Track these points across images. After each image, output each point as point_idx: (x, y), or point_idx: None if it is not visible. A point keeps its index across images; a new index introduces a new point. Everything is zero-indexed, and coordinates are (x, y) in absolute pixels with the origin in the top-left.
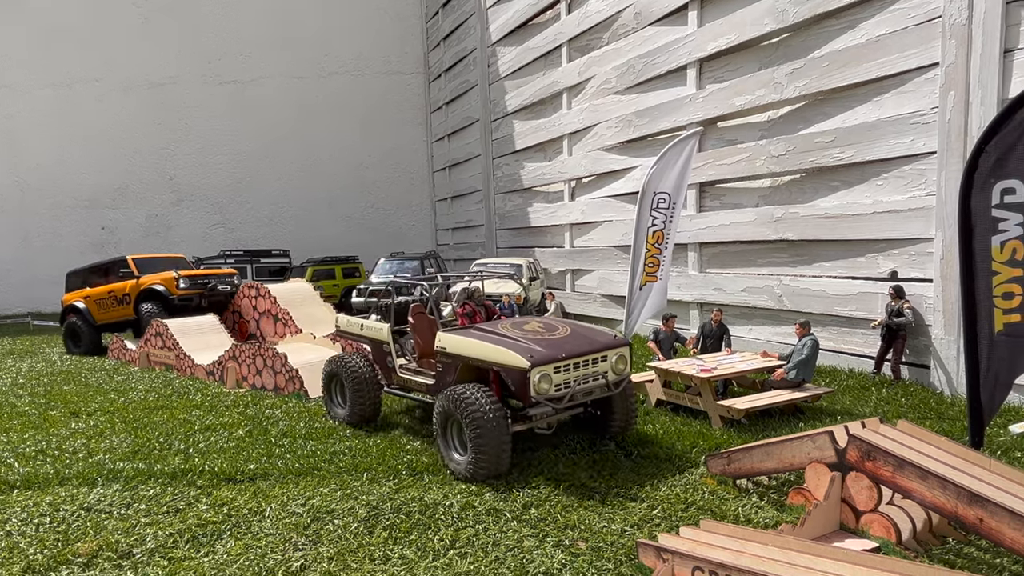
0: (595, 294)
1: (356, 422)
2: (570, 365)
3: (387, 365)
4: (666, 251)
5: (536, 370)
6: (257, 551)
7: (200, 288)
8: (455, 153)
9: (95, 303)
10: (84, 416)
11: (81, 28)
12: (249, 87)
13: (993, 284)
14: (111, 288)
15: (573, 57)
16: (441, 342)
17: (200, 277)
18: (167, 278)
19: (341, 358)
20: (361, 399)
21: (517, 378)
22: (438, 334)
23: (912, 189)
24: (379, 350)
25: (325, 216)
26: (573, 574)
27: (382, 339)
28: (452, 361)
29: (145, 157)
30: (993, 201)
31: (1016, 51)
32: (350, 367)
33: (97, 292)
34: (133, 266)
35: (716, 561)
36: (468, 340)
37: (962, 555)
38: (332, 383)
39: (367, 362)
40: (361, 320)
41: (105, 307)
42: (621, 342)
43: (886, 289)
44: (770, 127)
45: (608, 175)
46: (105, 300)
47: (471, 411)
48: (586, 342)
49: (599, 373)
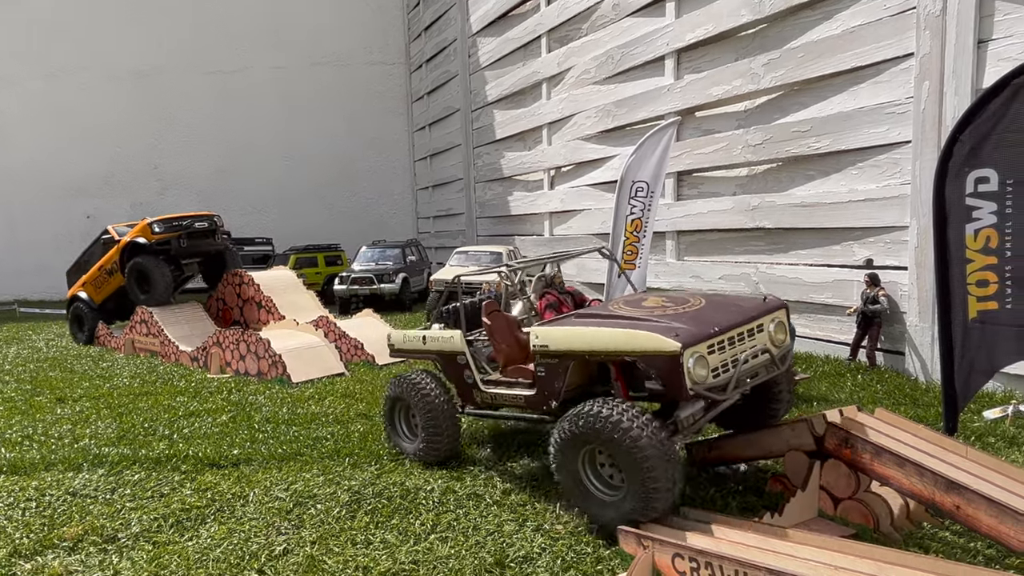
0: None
1: (433, 459)
2: (724, 342)
3: (465, 381)
4: (644, 239)
5: (689, 352)
6: (240, 535)
7: (177, 231)
8: (436, 142)
9: (92, 286)
10: (70, 402)
11: (67, 19)
12: (233, 77)
13: (967, 272)
14: (100, 264)
15: (552, 48)
16: (540, 339)
17: (174, 219)
18: (141, 227)
19: (408, 380)
20: (437, 430)
21: (664, 367)
22: (533, 329)
23: (887, 178)
24: (453, 365)
25: (308, 205)
26: (552, 558)
27: (456, 350)
28: (559, 362)
29: (130, 146)
30: (967, 190)
31: (990, 42)
32: (422, 391)
33: (90, 275)
34: (113, 232)
35: (696, 548)
36: (580, 330)
37: (938, 540)
38: (396, 410)
39: (437, 381)
40: (422, 332)
41: (100, 285)
42: (776, 304)
43: (861, 277)
44: (747, 117)
45: (587, 164)
46: (98, 279)
47: (621, 433)
48: (736, 311)
49: (758, 348)
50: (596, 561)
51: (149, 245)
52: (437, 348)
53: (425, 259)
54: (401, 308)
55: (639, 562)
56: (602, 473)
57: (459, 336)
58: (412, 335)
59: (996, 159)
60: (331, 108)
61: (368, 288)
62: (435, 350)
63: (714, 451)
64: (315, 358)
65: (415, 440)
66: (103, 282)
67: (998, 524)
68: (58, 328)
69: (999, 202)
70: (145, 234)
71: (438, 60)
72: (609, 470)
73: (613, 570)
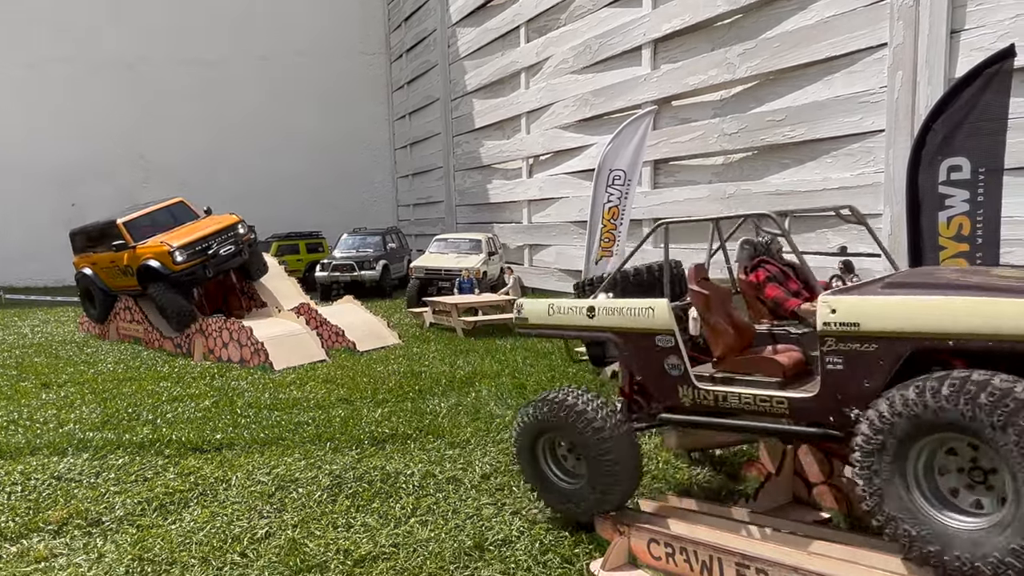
0: (552, 268)
1: (609, 507)
2: None
3: (665, 375)
4: (621, 227)
5: None
6: (223, 519)
7: (201, 256)
8: (416, 131)
9: (103, 271)
10: (55, 387)
11: (52, 10)
12: (216, 67)
13: (940, 259)
14: (112, 258)
15: (531, 38)
16: (844, 313)
17: (197, 242)
18: (160, 252)
19: (558, 399)
20: (614, 468)
21: None
22: (827, 300)
23: (861, 166)
24: (644, 350)
25: (290, 193)
26: (531, 542)
27: (659, 327)
28: (878, 349)
29: (114, 135)
30: (940, 178)
31: (962, 32)
32: (586, 415)
33: (101, 259)
34: (126, 234)
35: (671, 533)
36: (933, 301)
37: None
38: (540, 446)
39: (600, 399)
40: (588, 302)
41: (113, 276)
42: None
43: (836, 264)
44: (723, 106)
45: (565, 153)
46: (110, 269)
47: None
48: None
49: None
50: (574, 545)
51: (169, 275)
52: (619, 325)
53: (405, 246)
54: (381, 295)
55: (615, 547)
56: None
57: (665, 308)
58: (563, 306)
59: (968, 148)
60: (313, 97)
61: (349, 275)
62: (615, 327)
63: (689, 436)
64: (297, 345)
65: (577, 483)
66: (117, 276)
67: None
68: (43, 315)
69: (971, 190)
70: (165, 260)
71: (418, 50)
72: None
73: (590, 554)
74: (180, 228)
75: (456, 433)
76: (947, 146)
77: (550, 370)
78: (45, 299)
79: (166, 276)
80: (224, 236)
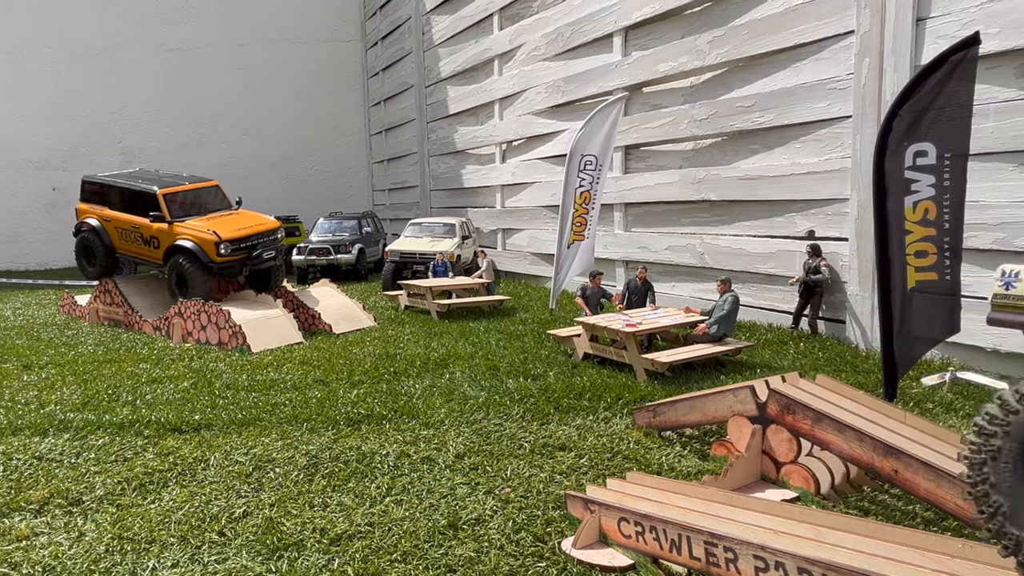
0: (525, 252)
1: None
2: None
3: None
4: (593, 211)
5: None
6: (202, 498)
7: (244, 252)
8: (391, 117)
9: (116, 230)
10: (36, 369)
11: None
12: (194, 54)
13: (906, 243)
14: (135, 222)
15: (504, 25)
16: None
17: (245, 239)
18: (205, 240)
19: None
20: None
21: None
22: None
23: (829, 152)
24: None
25: (268, 178)
26: (504, 520)
27: None
28: None
29: (94, 121)
30: (906, 163)
31: (928, 19)
32: None
33: (119, 218)
34: (165, 208)
35: (641, 512)
36: None
37: (877, 503)
38: None
39: None
40: None
41: (128, 239)
42: None
43: (804, 248)
44: (693, 92)
45: (537, 138)
46: (127, 232)
47: None
48: None
49: None
50: (546, 524)
51: (208, 264)
52: None
53: (381, 230)
54: (357, 278)
55: (586, 526)
56: None
57: None
58: None
59: (934, 134)
60: (290, 84)
61: (325, 259)
62: None
63: (659, 417)
64: (274, 328)
65: None
66: (132, 240)
67: (935, 488)
68: (24, 297)
69: (937, 175)
70: (208, 249)
71: (393, 37)
72: None
73: (562, 533)
74: (220, 216)
75: (430, 414)
76: (913, 132)
77: (523, 352)
78: (27, 282)
79: (203, 263)
80: (268, 240)
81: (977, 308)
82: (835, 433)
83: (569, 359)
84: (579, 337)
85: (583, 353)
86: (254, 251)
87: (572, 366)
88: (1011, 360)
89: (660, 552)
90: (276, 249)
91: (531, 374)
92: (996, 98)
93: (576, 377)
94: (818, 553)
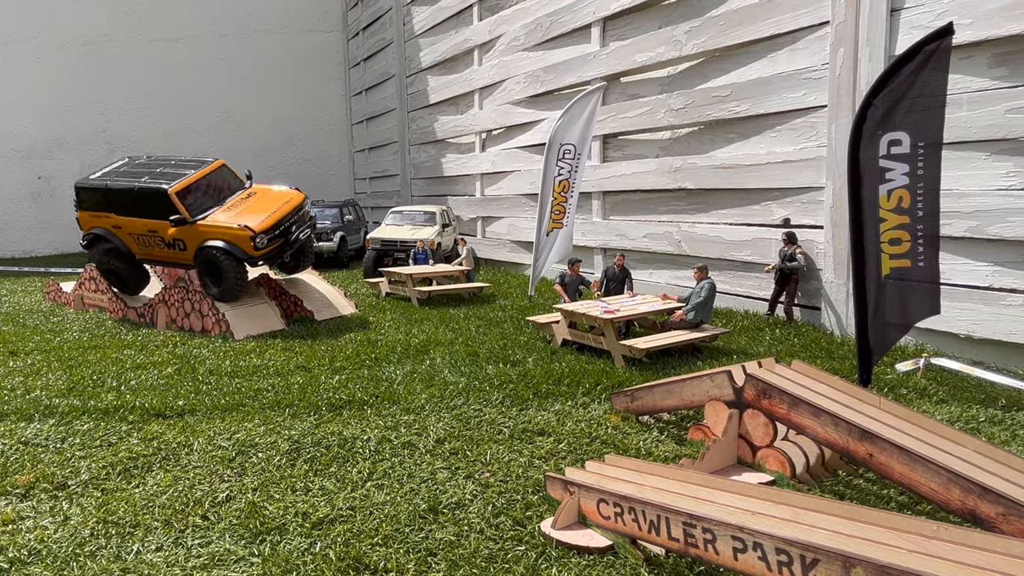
0: (505, 240)
1: None
2: None
3: None
4: (571, 199)
5: None
6: (185, 482)
7: (280, 239)
8: (372, 107)
9: (131, 237)
10: (21, 355)
11: None
12: (178, 44)
13: (881, 231)
14: (151, 226)
15: (484, 16)
16: None
17: (278, 225)
18: (238, 235)
19: None
20: None
21: None
22: None
23: (804, 141)
24: None
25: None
26: (483, 504)
27: None
28: None
29: (80, 110)
30: (880, 152)
31: (902, 10)
32: None
33: (130, 224)
34: (183, 208)
35: (619, 494)
36: None
37: (852, 487)
38: None
39: None
40: None
41: (147, 244)
42: None
43: (779, 235)
44: (670, 82)
45: (517, 128)
46: (145, 237)
47: None
48: None
49: None
50: (526, 507)
51: (248, 259)
52: None
53: (362, 218)
54: (339, 265)
55: (565, 507)
56: None
57: None
58: None
59: (908, 123)
60: (272, 74)
61: None
62: None
63: (636, 402)
64: (257, 315)
65: None
66: (153, 245)
67: (910, 472)
68: (11, 285)
69: (911, 164)
70: (244, 245)
71: (374, 28)
72: None
73: (541, 516)
74: (244, 202)
75: (411, 399)
76: (888, 121)
77: (502, 338)
78: (12, 269)
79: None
80: (300, 217)
81: (950, 295)
82: (811, 417)
83: (548, 345)
84: (558, 324)
85: (562, 339)
86: (290, 234)
87: (551, 352)
88: (984, 346)
89: (639, 533)
90: (309, 224)
91: (510, 360)
92: (969, 88)
93: (555, 363)
94: (796, 534)
